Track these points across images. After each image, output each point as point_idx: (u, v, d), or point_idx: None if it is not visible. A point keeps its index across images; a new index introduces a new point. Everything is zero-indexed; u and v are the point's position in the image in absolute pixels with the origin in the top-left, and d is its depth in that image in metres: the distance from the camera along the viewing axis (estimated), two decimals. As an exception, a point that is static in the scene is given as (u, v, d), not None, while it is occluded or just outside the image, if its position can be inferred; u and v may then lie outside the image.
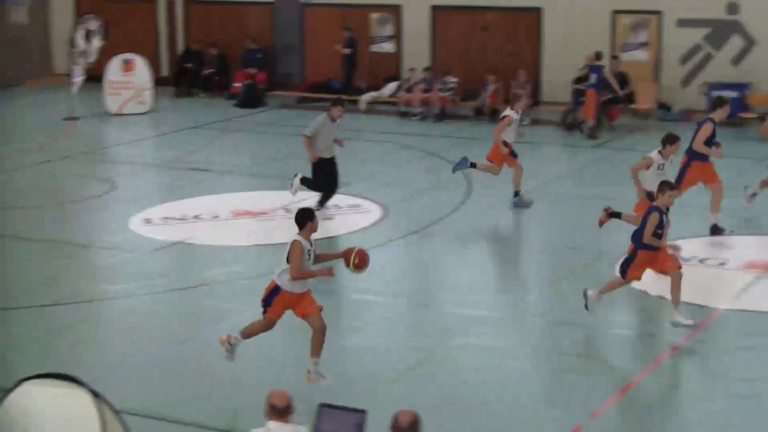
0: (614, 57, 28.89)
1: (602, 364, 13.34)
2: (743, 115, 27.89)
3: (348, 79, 32.00)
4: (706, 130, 17.90)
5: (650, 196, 16.27)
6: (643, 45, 29.82)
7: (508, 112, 20.50)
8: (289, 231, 18.80)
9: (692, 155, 18.00)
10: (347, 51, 31.72)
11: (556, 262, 17.43)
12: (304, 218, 12.51)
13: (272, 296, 12.42)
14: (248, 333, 12.69)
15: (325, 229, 18.96)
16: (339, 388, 12.07)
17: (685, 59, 29.41)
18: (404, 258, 18.07)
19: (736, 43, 28.85)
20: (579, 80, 28.57)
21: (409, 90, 30.28)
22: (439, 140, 26.82)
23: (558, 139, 27.44)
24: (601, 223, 16.69)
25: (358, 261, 12.38)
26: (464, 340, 13.98)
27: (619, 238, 18.31)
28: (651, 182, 16.34)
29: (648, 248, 13.97)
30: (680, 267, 14.10)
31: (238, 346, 12.65)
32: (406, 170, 23.72)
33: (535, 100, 30.38)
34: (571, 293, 15.76)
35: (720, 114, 18.18)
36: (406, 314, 15.18)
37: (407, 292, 16.32)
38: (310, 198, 19.70)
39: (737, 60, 28.88)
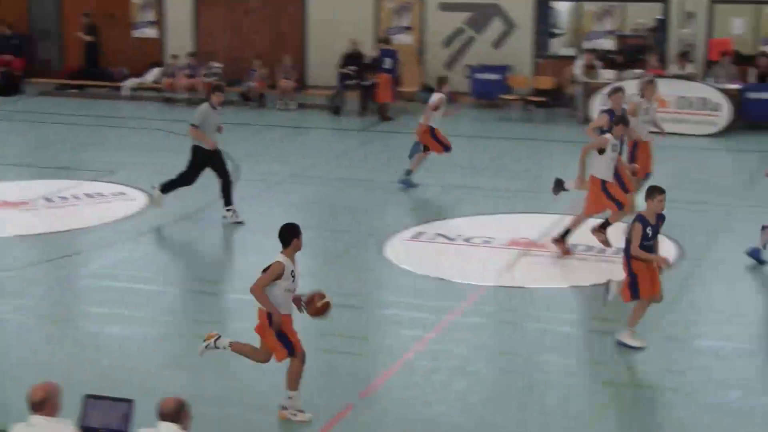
0: (379, 41, 29.13)
1: (372, 345, 13.37)
2: (504, 96, 28.52)
3: (91, 66, 31.44)
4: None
5: (604, 185, 15.87)
6: (407, 29, 30.17)
7: (436, 96, 20.46)
8: (53, 220, 18.49)
9: None
10: (89, 38, 31.19)
11: (327, 245, 17.41)
12: (289, 235, 11.04)
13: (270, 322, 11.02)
14: (239, 350, 11.42)
15: (86, 218, 18.55)
16: (106, 378, 11.76)
17: (447, 42, 29.89)
18: (172, 245, 17.77)
19: (496, 26, 29.49)
20: (344, 64, 28.73)
21: (172, 75, 29.85)
22: (205, 126, 26.51)
23: (325, 123, 27.52)
24: (565, 252, 16.50)
25: (319, 310, 11.18)
26: (239, 326, 13.76)
27: (383, 220, 18.47)
28: (606, 167, 15.84)
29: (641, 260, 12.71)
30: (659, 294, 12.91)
31: (218, 350, 11.45)
32: (172, 157, 23.28)
33: (302, 84, 30.38)
34: (342, 275, 15.79)
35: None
36: (176, 302, 14.92)
37: (177, 279, 16.06)
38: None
39: (498, 43, 29.52)
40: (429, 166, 21.38)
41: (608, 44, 29.33)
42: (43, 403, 8.07)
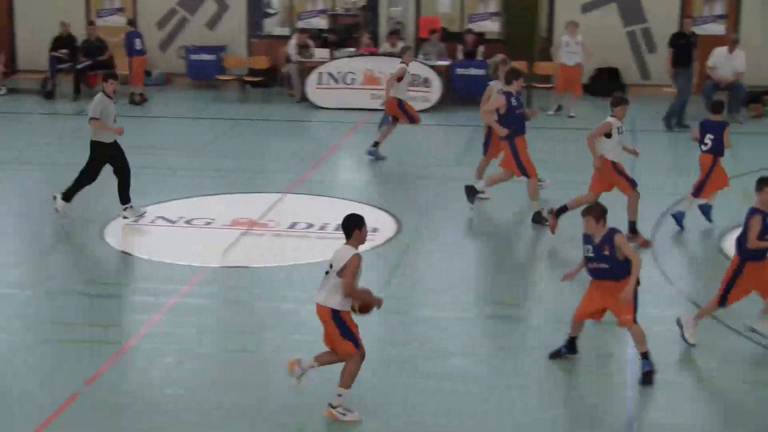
0: (90, 23, 28.65)
1: (96, 331, 13.19)
2: (220, 77, 28.52)
3: None
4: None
5: (615, 166, 15.77)
6: (120, 10, 29.76)
7: (398, 67, 20.70)
8: None
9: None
10: None
11: (46, 231, 16.97)
12: (351, 226, 10.45)
13: (343, 324, 10.53)
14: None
15: None
16: None
17: (161, 24, 29.65)
18: None
19: (209, 7, 29.46)
20: (55, 47, 28.10)
21: None
22: None
23: (38, 108, 26.86)
24: (552, 229, 16.27)
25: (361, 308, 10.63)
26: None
27: (102, 205, 18.23)
28: (615, 150, 15.75)
29: (756, 258, 11.98)
30: None
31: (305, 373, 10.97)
32: None
33: (11, 68, 29.58)
34: (63, 262, 15.54)
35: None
36: None
37: None
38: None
39: (212, 24, 29.48)
40: (145, 149, 21.24)
41: (321, 23, 29.70)
42: None
